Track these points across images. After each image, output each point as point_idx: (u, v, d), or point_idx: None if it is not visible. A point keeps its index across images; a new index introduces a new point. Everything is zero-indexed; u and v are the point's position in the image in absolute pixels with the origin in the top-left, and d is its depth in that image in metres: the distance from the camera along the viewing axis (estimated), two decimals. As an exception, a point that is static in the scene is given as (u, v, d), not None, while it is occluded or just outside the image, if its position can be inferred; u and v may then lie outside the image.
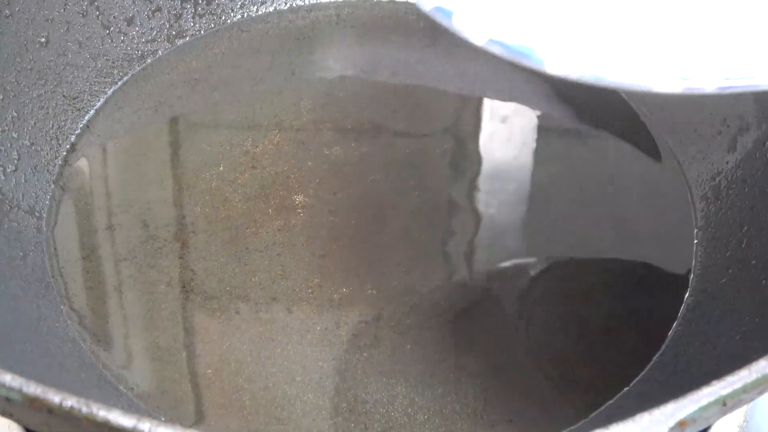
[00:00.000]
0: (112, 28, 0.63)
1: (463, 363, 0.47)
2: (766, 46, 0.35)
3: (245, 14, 0.68)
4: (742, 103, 0.53)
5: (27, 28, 0.57)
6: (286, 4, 0.68)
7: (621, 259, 0.53)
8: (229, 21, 0.67)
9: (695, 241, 0.52)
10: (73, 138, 0.59)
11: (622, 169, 0.59)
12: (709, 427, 0.44)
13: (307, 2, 0.68)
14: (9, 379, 0.31)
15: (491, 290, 0.51)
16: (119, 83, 0.62)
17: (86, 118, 0.60)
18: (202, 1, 0.66)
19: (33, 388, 0.30)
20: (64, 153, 0.58)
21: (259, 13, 0.68)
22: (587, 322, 0.50)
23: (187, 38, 0.66)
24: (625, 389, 0.46)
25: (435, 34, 0.65)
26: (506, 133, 0.60)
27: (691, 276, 0.51)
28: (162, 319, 0.50)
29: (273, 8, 0.68)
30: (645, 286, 0.51)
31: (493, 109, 0.62)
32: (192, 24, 0.66)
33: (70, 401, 0.30)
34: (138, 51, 0.64)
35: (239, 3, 0.67)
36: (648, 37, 0.35)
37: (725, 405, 0.31)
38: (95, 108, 0.61)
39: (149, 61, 0.64)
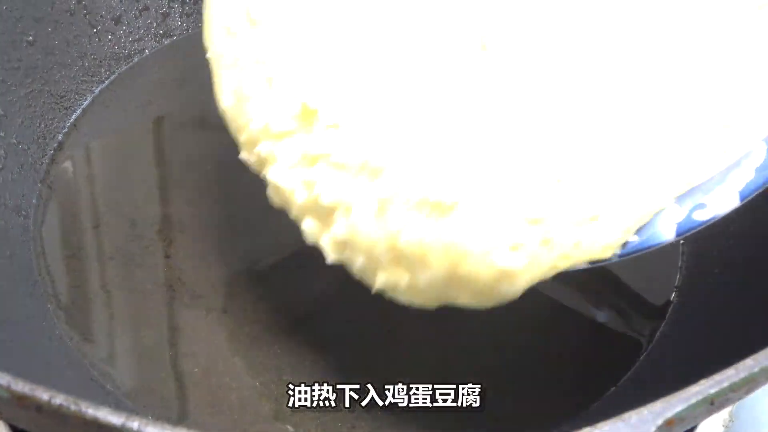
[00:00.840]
0: (99, 27, 0.62)
1: (454, 363, 0.47)
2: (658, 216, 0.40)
3: (233, 14, 0.67)
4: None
5: (14, 26, 0.57)
6: (273, 3, 0.68)
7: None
8: (216, 20, 0.67)
9: (681, 242, 0.52)
10: (60, 137, 0.58)
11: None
12: (695, 426, 0.45)
13: (295, 2, 0.68)
14: (-3, 376, 0.31)
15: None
16: (106, 82, 0.62)
17: (73, 117, 0.60)
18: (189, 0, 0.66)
19: (21, 386, 0.30)
20: (51, 152, 0.57)
21: (247, 12, 0.68)
22: (575, 322, 0.50)
23: (175, 37, 0.66)
24: (613, 388, 0.47)
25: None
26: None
27: (678, 276, 0.51)
28: (149, 318, 0.50)
29: (261, 8, 0.68)
30: (632, 287, 0.51)
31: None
32: (179, 23, 0.66)
33: (58, 399, 0.30)
34: (125, 50, 0.63)
35: (227, 2, 0.67)
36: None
37: (713, 404, 0.31)
38: (82, 107, 0.60)
39: (136, 60, 0.64)
